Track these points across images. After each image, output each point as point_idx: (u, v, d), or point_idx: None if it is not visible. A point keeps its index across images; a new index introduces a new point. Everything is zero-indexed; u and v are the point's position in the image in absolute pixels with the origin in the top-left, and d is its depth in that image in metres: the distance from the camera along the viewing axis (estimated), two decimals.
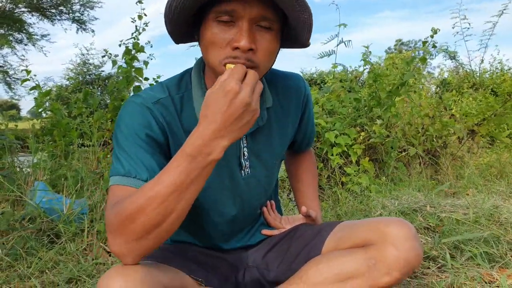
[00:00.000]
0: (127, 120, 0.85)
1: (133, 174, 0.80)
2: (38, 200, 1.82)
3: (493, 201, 1.86)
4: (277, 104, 1.03)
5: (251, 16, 0.77)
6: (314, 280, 0.99)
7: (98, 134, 2.93)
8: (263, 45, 0.80)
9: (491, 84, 4.62)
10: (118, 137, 0.84)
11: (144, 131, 0.84)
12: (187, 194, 0.70)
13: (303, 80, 1.10)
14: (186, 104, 0.92)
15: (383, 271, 0.95)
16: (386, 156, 3.08)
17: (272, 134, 1.03)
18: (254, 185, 1.03)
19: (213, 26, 0.79)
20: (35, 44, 11.03)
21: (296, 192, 1.27)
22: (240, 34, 0.77)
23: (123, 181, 0.79)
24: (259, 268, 1.09)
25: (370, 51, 3.35)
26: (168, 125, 0.88)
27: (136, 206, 0.69)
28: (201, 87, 0.92)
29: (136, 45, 3.19)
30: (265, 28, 0.80)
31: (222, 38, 0.79)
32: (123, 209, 0.71)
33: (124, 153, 0.82)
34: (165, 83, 0.94)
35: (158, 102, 0.88)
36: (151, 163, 0.81)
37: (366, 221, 1.04)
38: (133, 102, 0.87)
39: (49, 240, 1.65)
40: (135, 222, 0.69)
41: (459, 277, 1.18)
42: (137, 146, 0.82)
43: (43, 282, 1.27)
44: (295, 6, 0.77)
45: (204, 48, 0.83)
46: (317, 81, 12.33)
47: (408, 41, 22.88)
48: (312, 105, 1.15)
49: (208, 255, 1.05)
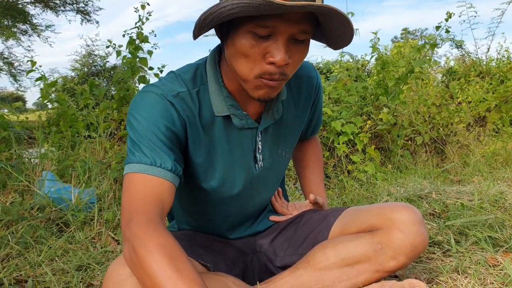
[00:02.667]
0: (147, 111, 0.81)
1: (158, 163, 0.78)
2: (47, 190, 1.84)
3: (498, 187, 1.86)
4: (289, 95, 1.03)
5: (290, 32, 0.75)
6: (321, 264, 1.00)
7: (104, 124, 2.95)
8: (296, 57, 0.79)
9: (497, 73, 4.57)
10: (137, 128, 0.81)
11: (165, 125, 0.81)
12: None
13: (314, 69, 1.09)
14: (202, 99, 0.89)
15: (389, 255, 0.96)
16: (392, 144, 3.07)
17: (286, 126, 1.03)
18: (266, 177, 1.04)
19: (248, 37, 0.75)
20: (40, 35, 11.05)
21: (302, 178, 1.27)
22: (277, 49, 0.74)
23: (146, 170, 0.77)
24: (267, 253, 1.10)
25: (378, 37, 3.32)
26: (189, 121, 0.86)
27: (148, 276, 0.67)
28: (218, 82, 0.89)
29: (140, 35, 3.19)
30: (299, 41, 0.78)
31: (257, 51, 0.76)
32: (143, 261, 0.68)
33: (145, 142, 0.79)
34: (178, 74, 0.90)
35: (178, 96, 0.85)
36: (171, 155, 0.80)
37: (373, 206, 1.05)
38: (153, 93, 0.83)
39: (58, 229, 1.67)
40: (137, 276, 0.70)
41: (463, 261, 1.19)
42: (156, 138, 0.80)
43: (53, 269, 1.29)
44: (339, 28, 0.76)
45: (234, 56, 0.79)
46: (323, 71, 12.26)
47: (414, 30, 22.62)
48: (322, 94, 1.14)
49: (215, 241, 1.07)
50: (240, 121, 0.92)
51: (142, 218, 0.72)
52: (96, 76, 12.11)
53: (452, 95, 4.04)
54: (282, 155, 1.06)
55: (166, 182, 0.78)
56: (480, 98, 4.08)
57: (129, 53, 3.14)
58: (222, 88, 0.89)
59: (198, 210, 1.05)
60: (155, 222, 0.72)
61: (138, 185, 0.76)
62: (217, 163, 0.94)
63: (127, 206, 0.75)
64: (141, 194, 0.75)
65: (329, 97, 3.38)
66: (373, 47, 3.33)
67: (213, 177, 0.95)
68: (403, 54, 4.97)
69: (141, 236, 0.69)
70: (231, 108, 0.90)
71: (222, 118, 0.91)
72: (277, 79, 0.78)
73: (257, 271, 1.09)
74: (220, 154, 0.93)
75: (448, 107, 3.52)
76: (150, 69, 3.20)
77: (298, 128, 1.08)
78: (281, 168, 1.09)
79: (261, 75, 0.78)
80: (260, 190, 1.05)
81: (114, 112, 3.16)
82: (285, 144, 1.05)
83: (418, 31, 22.00)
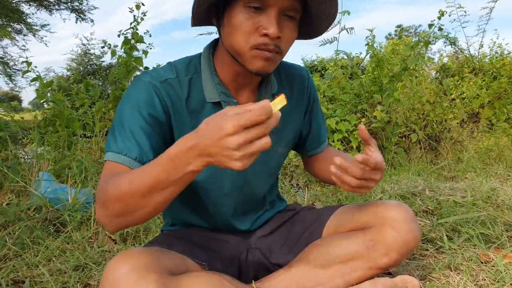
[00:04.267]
0: (132, 96, 0.88)
1: (124, 152, 0.83)
2: (43, 190, 1.85)
3: (490, 184, 1.88)
4: (281, 90, 1.05)
5: (282, 5, 0.81)
6: (315, 262, 1.02)
7: (100, 124, 2.95)
8: (287, 34, 0.85)
9: (490, 69, 4.61)
10: (121, 111, 0.87)
11: (147, 110, 0.86)
12: (164, 193, 0.71)
13: (306, 70, 1.13)
14: (194, 86, 0.94)
15: (382, 252, 0.98)
16: (387, 141, 3.09)
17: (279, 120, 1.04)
18: (258, 171, 1.05)
19: (242, 12, 0.81)
20: (35, 35, 10.97)
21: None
22: (269, 22, 0.80)
23: (115, 158, 0.83)
24: (262, 250, 1.12)
25: (374, 34, 3.34)
26: (173, 105, 0.91)
27: (118, 192, 0.73)
28: (211, 71, 0.95)
29: (135, 35, 3.19)
30: (289, 18, 0.84)
31: (251, 24, 0.81)
32: (108, 190, 0.74)
33: (121, 128, 0.85)
34: (174, 64, 0.96)
35: (165, 82, 0.91)
36: (145, 142, 0.84)
37: (365, 204, 1.06)
38: (141, 80, 0.90)
39: (55, 229, 1.68)
40: (114, 204, 0.74)
41: (456, 257, 1.21)
42: (136, 124, 0.85)
43: (50, 269, 1.30)
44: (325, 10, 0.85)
45: (229, 32, 0.85)
46: (317, 68, 12.26)
47: (408, 27, 22.63)
48: (317, 100, 1.16)
49: (211, 239, 1.08)
50: None
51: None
52: (92, 75, 12.06)
53: (445, 92, 4.07)
54: (275, 150, 1.07)
55: (129, 170, 0.82)
56: (473, 95, 4.11)
57: (124, 53, 3.15)
58: (214, 76, 0.95)
59: (191, 199, 1.06)
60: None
61: (107, 170, 0.83)
62: None
63: (97, 190, 0.81)
64: (106, 176, 0.81)
65: (323, 95, 3.39)
66: (368, 44, 3.34)
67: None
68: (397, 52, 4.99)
69: (101, 186, 0.77)
70: (222, 95, 0.95)
71: (212, 104, 0.95)
72: (272, 50, 0.83)
73: (252, 268, 1.10)
74: None
75: (442, 104, 3.55)
76: (146, 69, 3.20)
77: (292, 125, 1.09)
78: (274, 163, 1.10)
79: (256, 46, 0.82)
80: (252, 183, 1.06)
81: (110, 112, 3.16)
82: (280, 139, 1.07)
83: (412, 27, 22.04)
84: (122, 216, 0.75)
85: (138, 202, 0.72)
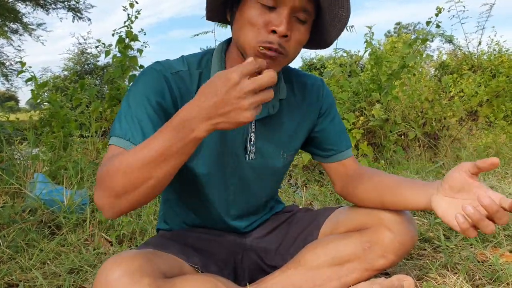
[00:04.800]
0: (142, 83, 0.87)
1: (128, 137, 0.82)
2: (38, 192, 1.83)
3: (488, 182, 1.87)
4: (291, 97, 1.04)
5: (294, 5, 0.81)
6: (311, 264, 1.01)
7: (97, 124, 2.93)
8: (296, 36, 0.84)
9: (489, 66, 4.60)
10: (129, 97, 0.86)
11: (156, 98, 0.85)
12: (167, 164, 0.70)
13: (321, 79, 1.11)
14: (204, 80, 0.94)
15: (378, 253, 0.97)
16: (385, 140, 3.08)
17: (282, 125, 1.03)
18: (258, 172, 1.03)
19: (254, 7, 0.81)
20: (31, 34, 10.94)
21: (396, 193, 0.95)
22: (279, 19, 0.80)
23: (118, 142, 0.82)
24: (258, 251, 1.11)
25: (373, 32, 3.32)
26: (182, 97, 0.90)
27: (119, 165, 0.71)
28: (221, 66, 0.94)
29: (129, 34, 3.17)
30: (300, 21, 0.84)
31: (261, 20, 0.81)
32: (109, 167, 0.73)
33: (128, 114, 0.84)
34: (186, 57, 0.96)
35: (176, 74, 0.91)
36: (150, 130, 0.82)
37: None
38: (152, 69, 0.89)
39: (50, 232, 1.66)
40: (115, 180, 0.71)
41: (453, 257, 1.20)
42: (143, 110, 0.83)
43: (44, 273, 1.29)
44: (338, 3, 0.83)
45: (239, 27, 0.85)
46: (316, 66, 12.26)
47: (407, 24, 22.65)
48: (334, 105, 1.11)
49: (206, 241, 1.06)
50: None
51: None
52: (89, 74, 12.03)
53: (444, 89, 4.06)
54: (283, 156, 1.06)
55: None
56: (472, 92, 4.10)
57: (118, 52, 3.13)
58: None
59: (191, 193, 1.04)
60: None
61: (109, 155, 0.81)
62: (207, 145, 0.96)
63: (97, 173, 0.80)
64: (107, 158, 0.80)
65: None
66: (367, 41, 3.32)
67: (202, 157, 0.96)
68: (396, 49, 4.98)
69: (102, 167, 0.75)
70: None
71: None
72: (275, 49, 0.82)
73: (248, 269, 1.10)
74: (211, 136, 0.95)
75: (441, 101, 3.54)
76: (141, 68, 3.19)
77: (299, 132, 1.07)
78: (280, 169, 1.08)
79: (261, 43, 0.82)
80: (253, 185, 1.04)
81: (107, 111, 3.14)
82: (285, 145, 1.05)
83: (411, 25, 22.03)
84: (123, 195, 0.72)
85: (140, 174, 0.70)
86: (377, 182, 0.99)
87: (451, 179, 0.82)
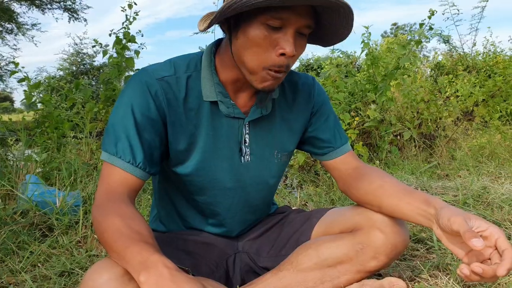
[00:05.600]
0: (126, 96, 0.88)
1: (119, 155, 0.85)
2: (30, 194, 1.82)
3: (482, 182, 1.87)
4: (282, 97, 1.03)
5: (300, 25, 0.81)
6: (303, 265, 1.00)
7: (91, 125, 2.91)
8: (299, 51, 0.86)
9: (484, 67, 4.61)
10: (116, 112, 0.88)
11: (141, 110, 0.86)
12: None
13: (312, 78, 1.10)
14: (192, 84, 0.93)
15: (370, 255, 0.96)
16: (380, 140, 3.08)
17: (275, 125, 1.03)
18: (253, 175, 1.03)
19: (260, 28, 0.80)
20: (25, 34, 10.88)
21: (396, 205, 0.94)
22: (287, 40, 0.81)
23: (110, 160, 0.86)
24: (249, 253, 1.10)
25: (370, 32, 3.32)
26: (169, 103, 0.90)
27: (102, 236, 0.77)
28: (211, 69, 0.93)
29: (127, 35, 3.15)
30: (302, 35, 0.85)
31: (269, 43, 0.81)
32: (99, 224, 0.78)
33: (116, 129, 0.86)
34: (174, 60, 0.95)
35: (162, 79, 0.90)
36: (137, 145, 0.86)
37: (354, 206, 1.05)
38: (138, 79, 0.89)
39: (42, 234, 1.65)
40: (97, 234, 0.79)
41: (445, 258, 1.20)
42: (130, 125, 0.86)
43: (35, 276, 1.27)
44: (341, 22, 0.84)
45: (244, 47, 0.84)
46: (313, 67, 12.27)
47: (403, 25, 22.71)
48: (328, 102, 1.11)
49: (198, 243, 1.06)
50: (227, 108, 0.95)
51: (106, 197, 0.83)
52: (85, 75, 11.98)
53: (440, 90, 4.06)
54: (277, 157, 1.05)
55: (125, 173, 0.85)
56: (468, 93, 4.11)
57: (116, 53, 3.11)
58: (214, 75, 0.93)
59: (185, 197, 1.04)
60: (117, 199, 0.82)
61: (105, 172, 0.87)
62: (200, 147, 0.95)
63: (97, 190, 0.86)
64: (105, 180, 0.86)
65: None
66: (363, 42, 3.32)
67: (195, 159, 0.96)
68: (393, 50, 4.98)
69: (103, 206, 0.80)
70: (220, 95, 0.94)
71: (209, 104, 0.94)
72: (285, 70, 0.85)
73: (240, 271, 1.09)
74: (204, 138, 0.95)
75: (437, 102, 3.54)
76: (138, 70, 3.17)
77: (293, 132, 1.06)
78: (275, 170, 1.07)
79: (270, 67, 0.83)
80: (249, 187, 1.04)
81: (102, 112, 3.12)
82: (279, 146, 1.04)
83: (407, 26, 22.09)
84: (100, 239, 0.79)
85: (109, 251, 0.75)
86: (378, 187, 0.97)
87: (449, 226, 0.79)
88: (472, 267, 0.74)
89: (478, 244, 0.71)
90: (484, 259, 0.78)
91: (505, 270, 0.71)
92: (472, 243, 0.71)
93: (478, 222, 0.78)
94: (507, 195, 1.65)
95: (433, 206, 0.86)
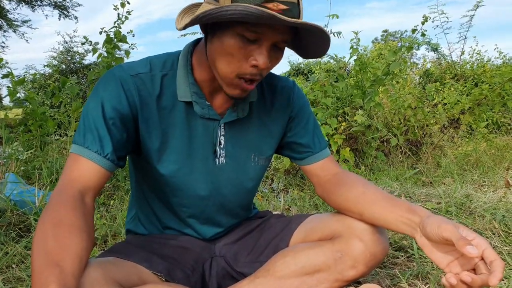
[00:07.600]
0: (99, 90, 0.87)
1: (86, 145, 0.84)
2: (8, 193, 1.78)
3: (465, 190, 1.88)
4: (261, 100, 1.02)
5: (275, 40, 0.81)
6: (281, 273, 0.99)
7: (76, 124, 2.87)
8: (274, 62, 0.86)
9: (471, 75, 4.67)
10: (88, 105, 0.87)
11: (112, 104, 0.86)
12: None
13: (292, 81, 1.09)
14: (167, 83, 0.92)
15: (349, 264, 0.95)
16: (366, 146, 3.09)
17: (252, 128, 1.01)
18: (229, 177, 1.01)
19: (236, 39, 0.80)
20: (15, 31, 10.75)
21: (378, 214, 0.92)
22: (261, 53, 0.80)
23: (78, 151, 0.84)
24: (227, 258, 1.08)
25: (359, 38, 3.33)
26: (141, 100, 0.89)
27: (33, 242, 0.71)
28: (187, 69, 0.93)
29: (118, 34, 3.12)
30: (279, 48, 0.84)
31: (243, 53, 0.81)
32: (38, 226, 0.73)
33: (86, 122, 0.85)
34: (151, 59, 0.94)
35: (137, 76, 0.89)
36: (106, 137, 0.85)
37: (335, 213, 1.04)
38: (111, 74, 0.89)
39: (17, 234, 1.61)
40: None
41: (425, 266, 1.19)
42: (99, 118, 0.85)
43: (8, 278, 1.24)
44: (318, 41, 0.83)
45: (219, 53, 0.83)
46: (304, 71, 12.32)
47: (394, 32, 22.93)
48: (307, 106, 1.09)
49: (173, 247, 1.03)
50: (201, 109, 0.94)
51: (61, 192, 0.78)
52: (75, 73, 11.84)
53: (427, 97, 4.10)
54: (254, 160, 1.04)
55: (91, 163, 0.83)
56: (455, 100, 4.16)
57: (106, 52, 3.07)
58: (189, 75, 0.93)
59: (159, 196, 1.02)
60: (71, 195, 0.77)
61: (69, 162, 0.84)
62: (173, 147, 0.94)
63: (58, 181, 0.83)
64: (68, 171, 0.83)
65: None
66: (352, 47, 3.33)
67: (168, 159, 0.95)
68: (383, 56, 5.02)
69: (52, 202, 0.76)
70: (194, 95, 0.93)
71: (184, 104, 0.93)
72: (257, 80, 0.84)
73: (216, 276, 1.07)
74: (178, 138, 0.94)
75: (424, 109, 3.57)
76: None
77: (270, 135, 1.05)
78: (253, 174, 1.05)
79: (241, 76, 0.82)
80: (224, 190, 1.02)
81: None
82: (256, 149, 1.03)
83: (398, 33, 22.31)
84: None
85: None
86: (360, 194, 0.96)
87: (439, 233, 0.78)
88: (462, 276, 0.73)
89: (473, 251, 0.71)
90: (468, 270, 0.78)
91: (498, 280, 0.71)
92: (467, 250, 0.71)
93: (465, 232, 0.78)
94: (489, 204, 1.65)
95: (418, 215, 0.85)
